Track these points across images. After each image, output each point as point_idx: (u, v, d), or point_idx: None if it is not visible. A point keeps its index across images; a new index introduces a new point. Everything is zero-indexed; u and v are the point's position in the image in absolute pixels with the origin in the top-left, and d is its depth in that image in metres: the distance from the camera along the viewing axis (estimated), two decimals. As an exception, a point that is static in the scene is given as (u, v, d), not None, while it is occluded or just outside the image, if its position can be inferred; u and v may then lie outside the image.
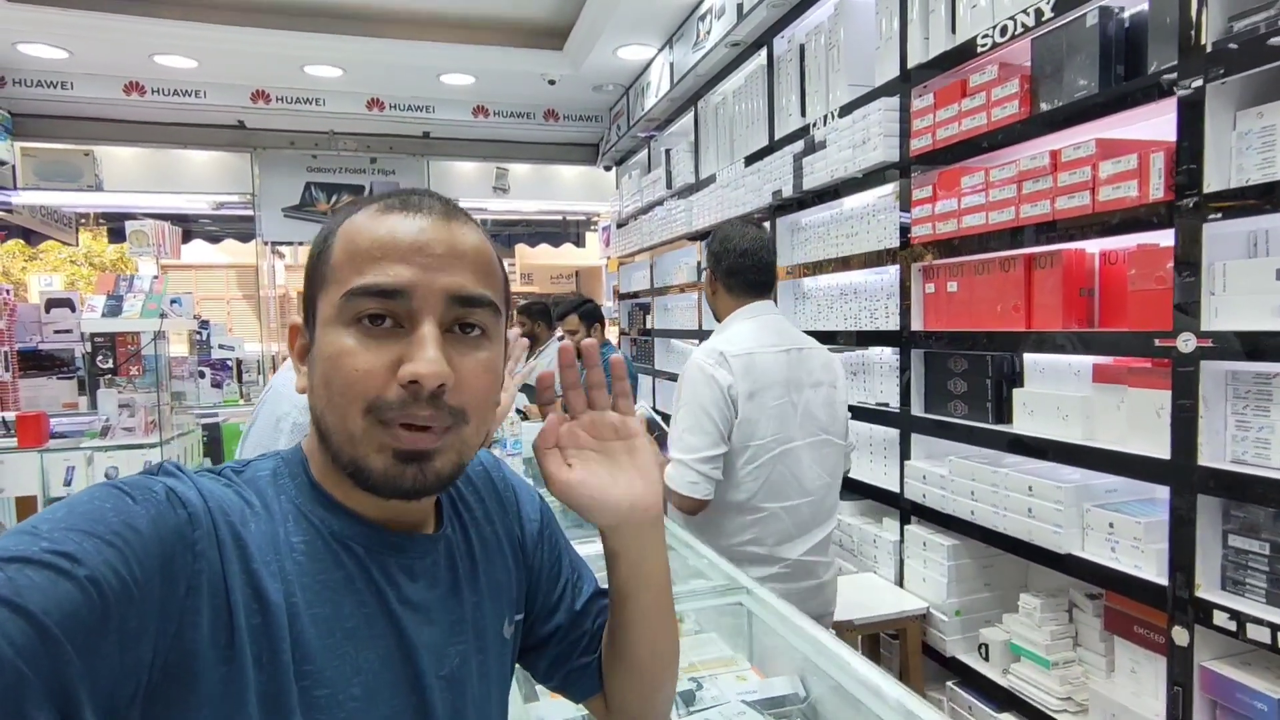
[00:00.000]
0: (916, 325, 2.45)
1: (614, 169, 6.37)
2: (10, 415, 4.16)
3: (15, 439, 3.94)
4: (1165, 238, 1.63)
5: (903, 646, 2.38)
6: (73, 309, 5.46)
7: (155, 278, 4.47)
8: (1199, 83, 1.51)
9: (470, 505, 0.75)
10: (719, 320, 2.01)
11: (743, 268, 1.93)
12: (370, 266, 0.59)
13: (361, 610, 0.60)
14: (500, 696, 0.74)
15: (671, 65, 4.31)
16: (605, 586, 0.83)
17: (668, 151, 4.66)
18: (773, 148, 3.33)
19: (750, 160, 3.51)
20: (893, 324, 2.56)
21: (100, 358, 4.19)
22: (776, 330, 1.91)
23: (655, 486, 0.72)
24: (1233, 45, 1.47)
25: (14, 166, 5.01)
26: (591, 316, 3.90)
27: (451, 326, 0.60)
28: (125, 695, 0.47)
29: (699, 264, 4.23)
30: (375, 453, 0.58)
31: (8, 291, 5.09)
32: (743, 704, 1.10)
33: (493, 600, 0.72)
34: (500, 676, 0.73)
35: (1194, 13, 1.51)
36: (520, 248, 10.22)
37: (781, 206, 3.25)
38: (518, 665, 0.81)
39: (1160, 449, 1.66)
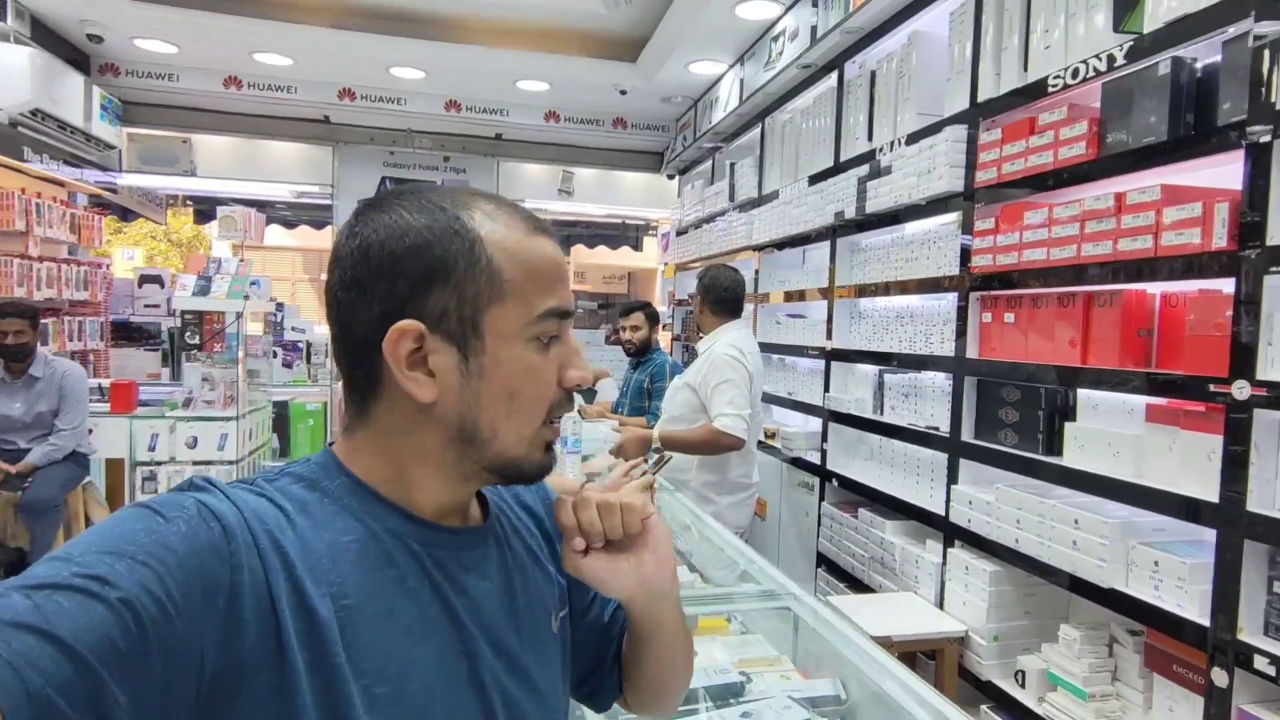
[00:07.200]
0: (971, 353, 2.49)
1: (677, 178, 6.48)
2: (105, 382, 4.48)
3: (108, 404, 4.23)
4: (1226, 286, 1.67)
5: (939, 667, 2.43)
6: (162, 285, 5.82)
7: (241, 261, 4.74)
8: (1267, 137, 1.55)
9: (508, 501, 0.78)
10: (704, 332, 3.01)
11: (726, 299, 2.96)
12: (551, 289, 0.64)
13: (415, 606, 0.61)
14: (559, 689, 0.75)
15: (741, 82, 4.40)
16: None
17: (732, 165, 4.75)
18: (837, 169, 3.39)
19: (814, 180, 3.58)
20: (948, 349, 2.61)
21: (188, 333, 4.47)
22: (753, 338, 3.11)
23: (665, 562, 0.74)
24: (1305, 102, 1.50)
25: (121, 151, 5.39)
26: (654, 319, 4.04)
27: None
28: (175, 713, 0.48)
29: (755, 273, 4.31)
30: (539, 449, 0.66)
31: (107, 266, 5.47)
32: (789, 699, 1.19)
33: (537, 596, 0.73)
34: (559, 668, 0.75)
35: (1265, 68, 1.55)
36: (577, 248, 10.43)
37: (842, 227, 3.31)
38: None
39: (1209, 492, 1.69)
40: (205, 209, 6.92)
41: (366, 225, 0.62)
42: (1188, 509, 1.75)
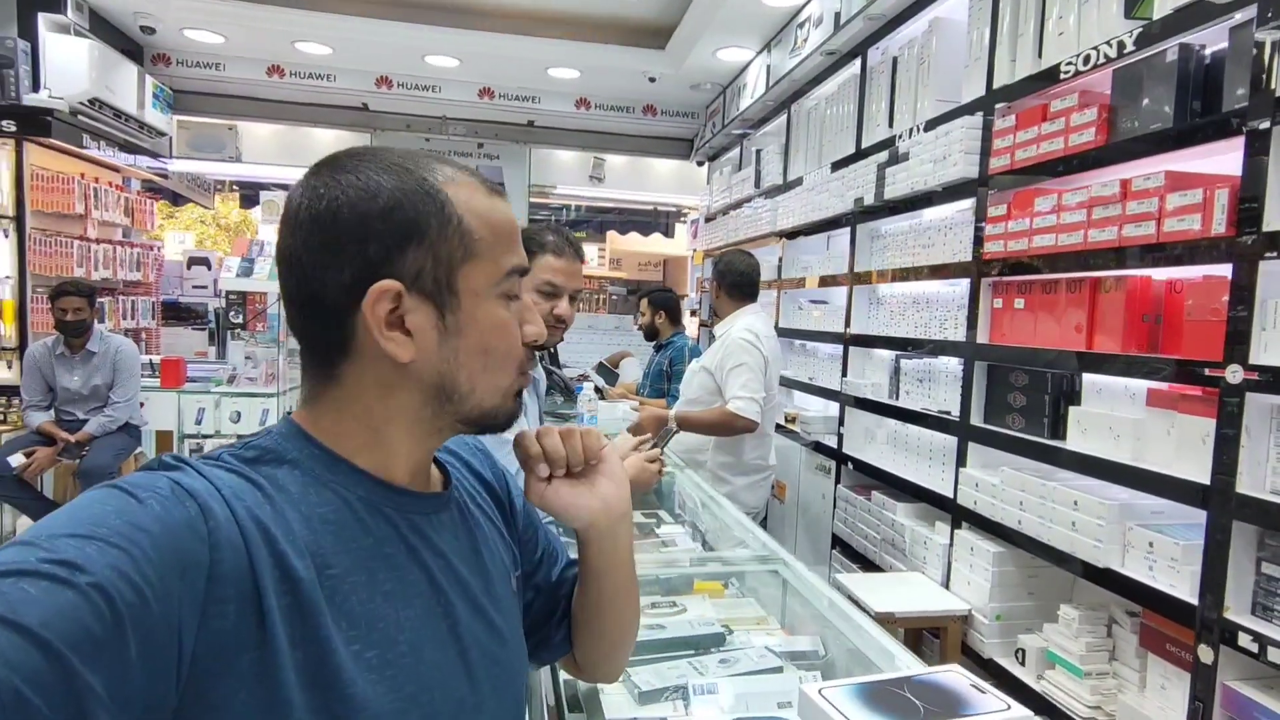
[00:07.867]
0: (982, 338, 2.52)
1: (706, 164, 6.52)
2: (155, 358, 4.72)
3: (159, 379, 4.47)
4: (1224, 271, 1.69)
5: (943, 644, 2.48)
6: (209, 267, 6.09)
7: (282, 244, 4.93)
8: (1266, 124, 1.56)
9: (461, 470, 0.80)
10: (719, 315, 3.09)
11: (741, 283, 3.05)
12: (512, 248, 0.67)
13: (395, 571, 0.62)
14: (522, 640, 0.79)
15: (768, 68, 4.43)
16: (575, 557, 0.89)
17: (758, 152, 4.78)
18: (859, 155, 3.42)
19: (836, 166, 3.60)
20: (960, 335, 2.64)
21: (233, 313, 4.69)
22: (769, 322, 3.12)
23: (622, 489, 0.78)
24: (1304, 90, 1.52)
25: (171, 138, 5.63)
26: (657, 304, 4.12)
27: None
28: (158, 697, 0.47)
29: (779, 260, 4.35)
30: (511, 398, 0.69)
31: (158, 249, 5.73)
32: (767, 650, 1.28)
33: (497, 555, 0.76)
34: (519, 622, 0.78)
35: (1266, 57, 1.56)
36: (611, 234, 10.53)
37: (863, 213, 3.34)
38: None
39: (1202, 474, 1.72)
40: (250, 194, 7.18)
41: (332, 187, 0.61)
42: (1181, 490, 1.78)
